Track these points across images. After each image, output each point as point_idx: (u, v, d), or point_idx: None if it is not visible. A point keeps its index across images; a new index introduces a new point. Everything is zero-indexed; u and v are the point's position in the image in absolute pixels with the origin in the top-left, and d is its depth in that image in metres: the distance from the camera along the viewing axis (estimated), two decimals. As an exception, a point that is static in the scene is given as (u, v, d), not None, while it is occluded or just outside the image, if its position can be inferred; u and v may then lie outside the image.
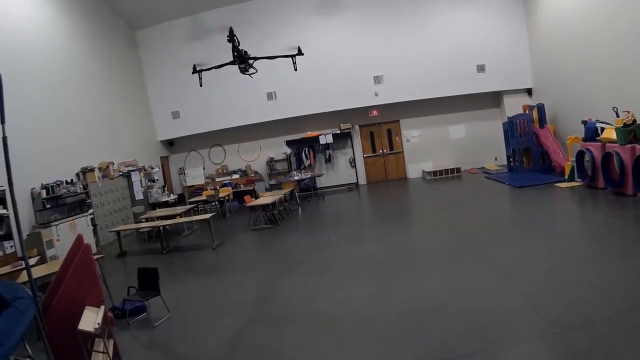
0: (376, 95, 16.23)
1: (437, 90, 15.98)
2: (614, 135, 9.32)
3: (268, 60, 14.43)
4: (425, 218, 10.54)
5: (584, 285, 4.93)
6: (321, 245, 8.75)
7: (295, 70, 13.42)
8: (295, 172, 16.04)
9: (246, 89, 15.97)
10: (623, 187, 8.99)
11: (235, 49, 11.97)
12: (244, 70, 12.67)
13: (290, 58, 13.25)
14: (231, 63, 12.45)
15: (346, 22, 16.30)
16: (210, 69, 12.81)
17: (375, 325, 4.73)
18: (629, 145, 8.74)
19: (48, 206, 9.88)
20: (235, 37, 11.76)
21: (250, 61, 12.60)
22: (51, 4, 11.77)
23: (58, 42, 11.93)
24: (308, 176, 15.65)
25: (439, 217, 10.04)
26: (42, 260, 8.18)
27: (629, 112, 9.10)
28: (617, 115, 9.59)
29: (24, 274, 5.83)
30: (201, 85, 13.51)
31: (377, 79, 16.21)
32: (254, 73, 13.02)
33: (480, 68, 15.89)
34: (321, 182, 17.33)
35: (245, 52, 12.43)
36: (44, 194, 9.85)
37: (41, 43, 11.14)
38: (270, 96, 16.60)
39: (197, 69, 13.13)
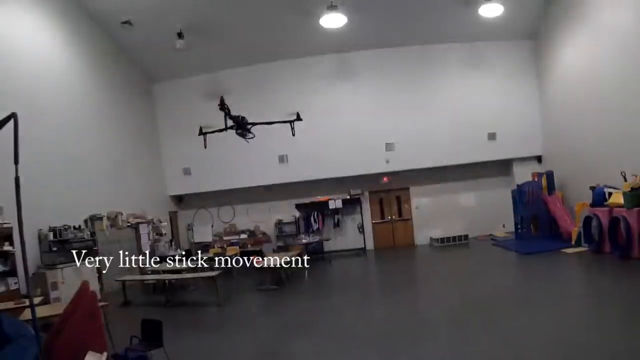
0: (387, 162, 16.35)
1: (448, 158, 16.14)
2: (621, 200, 9.38)
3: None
4: (430, 286, 10.40)
5: (590, 350, 4.85)
6: (326, 310, 8.55)
7: (293, 135, 13.55)
8: (303, 235, 15.90)
9: (259, 150, 16.08)
10: (629, 251, 8.94)
11: (228, 116, 12.08)
12: (241, 135, 12.73)
13: (291, 123, 13.30)
14: (231, 128, 12.49)
15: (360, 88, 16.76)
16: (215, 131, 12.82)
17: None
18: (636, 209, 8.77)
19: (54, 249, 9.85)
20: (226, 106, 11.90)
21: (249, 126, 12.68)
22: (70, 50, 12.27)
23: (75, 88, 12.34)
24: (316, 240, 15.50)
25: (444, 285, 9.88)
26: (46, 301, 8.02)
27: (636, 176, 9.22)
28: (625, 180, 9.65)
29: (27, 312, 5.68)
30: (205, 147, 13.50)
31: (389, 146, 16.40)
32: (251, 138, 13.05)
33: (492, 136, 16.11)
34: (329, 245, 17.10)
35: (243, 117, 12.50)
36: (50, 236, 9.84)
37: (58, 88, 11.54)
38: (282, 159, 16.77)
39: (203, 130, 13.18)
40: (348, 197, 17.16)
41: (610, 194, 10.23)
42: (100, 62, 13.58)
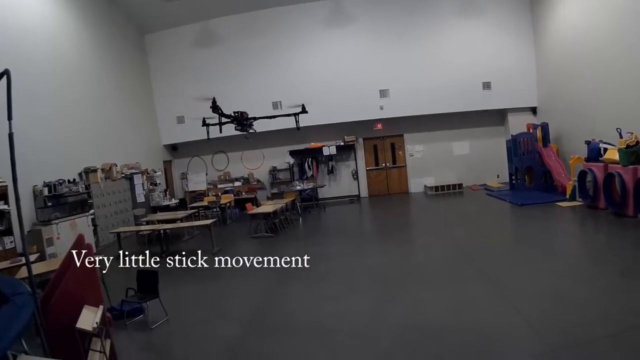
0: (381, 108, 16.28)
1: (442, 106, 16.03)
2: (616, 156, 9.36)
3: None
4: (425, 233, 10.50)
5: (583, 305, 4.91)
6: (321, 256, 8.69)
7: (298, 129, 13.40)
8: (297, 182, 16.03)
9: (252, 97, 16.00)
10: (624, 208, 9.01)
11: (223, 116, 11.75)
12: (242, 131, 12.50)
13: (295, 117, 12.80)
14: (227, 123, 12.17)
15: (354, 35, 16.42)
16: (215, 124, 12.24)
17: (373, 339, 4.70)
18: (631, 167, 8.76)
19: (49, 204, 9.90)
20: (218, 107, 11.53)
21: (249, 121, 12.44)
22: (60, 4, 11.89)
23: (66, 41, 12.05)
24: (310, 186, 15.65)
25: (440, 233, 10.00)
26: (42, 258, 8.19)
27: (632, 133, 9.12)
28: (621, 137, 9.62)
29: (23, 269, 5.83)
30: (209, 139, 13.16)
31: (383, 93, 16.28)
32: (253, 133, 12.88)
33: (486, 85, 15.98)
34: (323, 193, 17.33)
35: (242, 112, 12.21)
36: (45, 191, 9.88)
37: (49, 42, 11.25)
38: (275, 105, 16.61)
39: (206, 122, 12.55)
40: (342, 143, 17.18)
41: (605, 149, 10.19)
42: (90, 14, 13.20)
